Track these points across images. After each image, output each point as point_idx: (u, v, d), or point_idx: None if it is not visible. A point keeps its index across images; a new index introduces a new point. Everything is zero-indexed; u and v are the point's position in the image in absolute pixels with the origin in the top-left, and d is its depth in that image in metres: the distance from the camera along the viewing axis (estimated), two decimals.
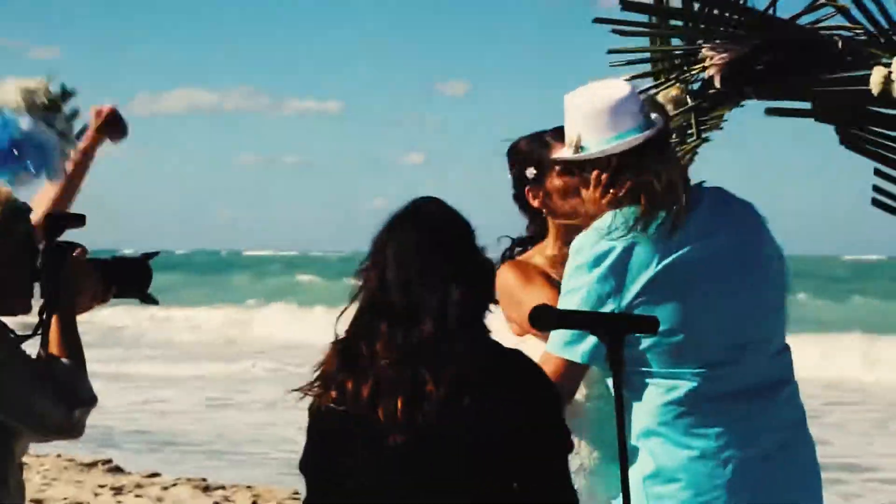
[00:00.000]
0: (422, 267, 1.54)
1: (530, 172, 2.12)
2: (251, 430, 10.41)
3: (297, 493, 6.59)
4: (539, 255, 2.20)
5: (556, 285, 1.98)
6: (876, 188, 2.15)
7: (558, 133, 2.00)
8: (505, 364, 1.56)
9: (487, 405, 1.50)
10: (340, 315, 1.60)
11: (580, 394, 1.93)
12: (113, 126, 2.62)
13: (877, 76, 2.06)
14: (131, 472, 7.90)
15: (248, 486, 7.30)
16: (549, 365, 1.82)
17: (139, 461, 8.53)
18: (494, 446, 1.49)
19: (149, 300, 2.20)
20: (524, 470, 1.51)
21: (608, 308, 1.79)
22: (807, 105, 2.22)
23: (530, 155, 2.14)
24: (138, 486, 7.36)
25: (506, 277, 2.11)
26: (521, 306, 1.99)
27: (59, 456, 8.16)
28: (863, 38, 2.17)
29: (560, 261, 2.04)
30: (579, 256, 1.85)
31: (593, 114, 1.88)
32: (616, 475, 1.67)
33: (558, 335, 1.78)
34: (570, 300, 1.84)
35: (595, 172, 1.87)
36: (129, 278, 2.16)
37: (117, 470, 7.96)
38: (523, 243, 2.26)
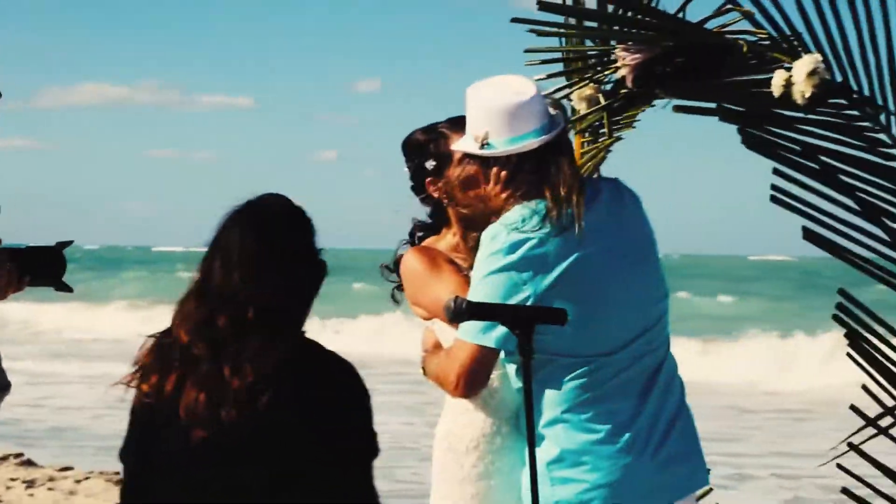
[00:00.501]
0: (244, 262, 1.54)
1: (430, 164, 2.16)
2: None
3: None
4: (441, 241, 2.23)
5: (462, 271, 2.04)
6: (774, 187, 2.26)
7: (453, 124, 2.06)
8: (312, 364, 1.55)
9: (290, 404, 1.49)
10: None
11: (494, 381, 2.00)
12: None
13: (778, 79, 2.17)
14: (43, 466, 7.81)
15: None
16: (464, 351, 1.89)
17: (49, 456, 8.48)
18: (295, 445, 1.49)
19: (63, 288, 2.18)
20: (327, 470, 1.50)
21: (524, 294, 1.86)
22: (713, 105, 2.32)
23: (428, 147, 2.18)
24: (51, 479, 7.29)
25: (412, 263, 2.16)
26: (429, 291, 2.07)
27: None
28: (766, 42, 2.26)
29: (461, 247, 2.11)
30: (495, 243, 1.90)
31: (499, 113, 1.94)
32: (523, 460, 1.76)
33: (471, 322, 1.83)
34: (485, 286, 1.89)
35: (496, 169, 1.93)
36: (44, 267, 2.15)
37: (29, 463, 7.86)
38: (426, 229, 2.29)
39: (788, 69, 2.17)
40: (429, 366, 2.07)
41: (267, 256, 1.54)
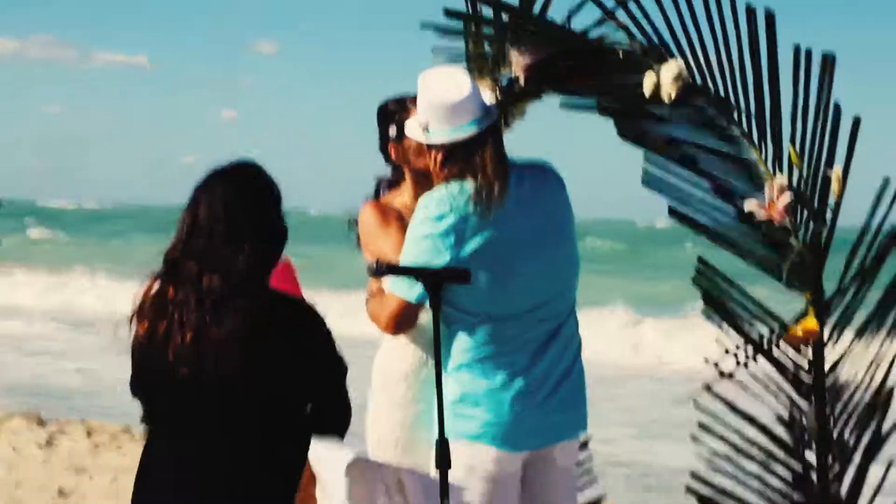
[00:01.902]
0: (227, 221, 1.75)
1: (392, 131, 2.45)
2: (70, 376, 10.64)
3: (128, 428, 6.94)
4: (398, 198, 2.53)
5: (406, 228, 2.34)
6: (646, 171, 2.65)
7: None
8: (283, 312, 1.82)
9: (267, 347, 1.75)
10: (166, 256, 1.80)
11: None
12: None
13: (648, 81, 2.52)
14: None
15: (81, 420, 7.40)
16: (393, 300, 2.22)
17: None
18: (274, 380, 1.76)
19: None
20: (306, 393, 1.82)
21: (445, 257, 2.16)
22: (593, 102, 2.68)
23: (393, 116, 2.45)
24: None
25: (367, 216, 2.45)
26: (376, 244, 2.40)
27: None
28: (639, 50, 2.62)
29: (411, 206, 2.39)
30: (426, 212, 2.20)
31: (439, 106, 2.22)
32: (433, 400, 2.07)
33: (397, 279, 2.14)
34: (413, 245, 2.20)
35: (434, 152, 2.24)
36: None
37: None
38: (387, 184, 2.61)
39: (656, 72, 2.52)
40: (368, 307, 2.36)
41: (246, 220, 1.77)
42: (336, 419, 1.88)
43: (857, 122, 2.55)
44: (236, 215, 1.79)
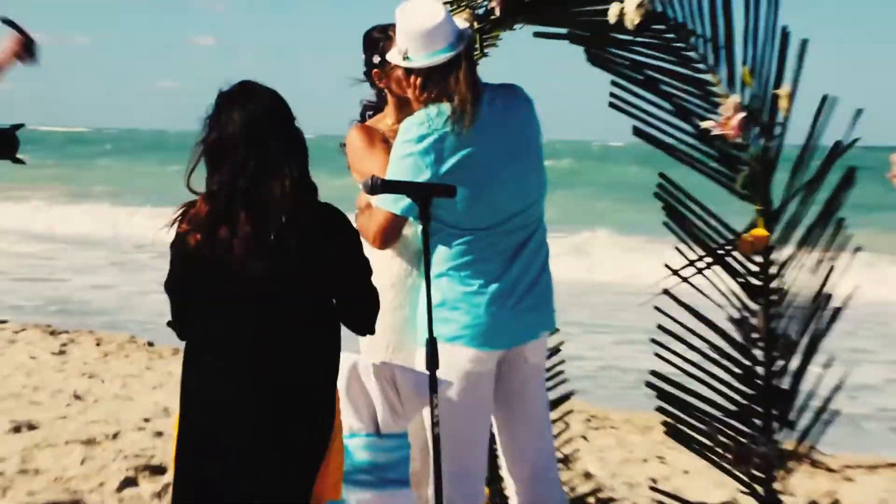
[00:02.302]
0: (266, 139, 1.95)
1: (376, 59, 2.64)
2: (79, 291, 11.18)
3: (133, 338, 7.81)
4: (382, 121, 2.73)
5: (390, 149, 2.53)
6: (612, 94, 2.85)
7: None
8: (321, 216, 2.05)
9: (313, 244, 2.00)
10: (190, 171, 2.00)
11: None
12: (27, 53, 3.03)
13: (614, 9, 2.69)
14: None
15: (90, 331, 8.07)
16: (380, 214, 2.43)
17: None
18: (315, 270, 2.02)
19: (18, 161, 2.87)
20: (339, 284, 2.08)
21: (426, 174, 2.37)
22: (563, 31, 2.86)
23: (377, 44, 2.64)
24: None
25: (353, 139, 2.67)
26: (363, 164, 2.60)
27: None
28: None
29: (395, 129, 2.58)
30: (408, 134, 2.41)
31: (415, 34, 2.39)
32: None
33: (385, 195, 2.33)
34: (397, 165, 2.41)
35: (412, 77, 2.42)
36: (3, 145, 2.76)
37: None
38: (372, 108, 2.81)
39: (621, 1, 2.69)
40: (358, 221, 2.55)
41: (281, 134, 1.98)
42: (367, 311, 2.13)
43: (804, 44, 2.74)
44: (266, 132, 1.97)
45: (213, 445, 1.99)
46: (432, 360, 2.23)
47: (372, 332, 2.20)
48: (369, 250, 2.47)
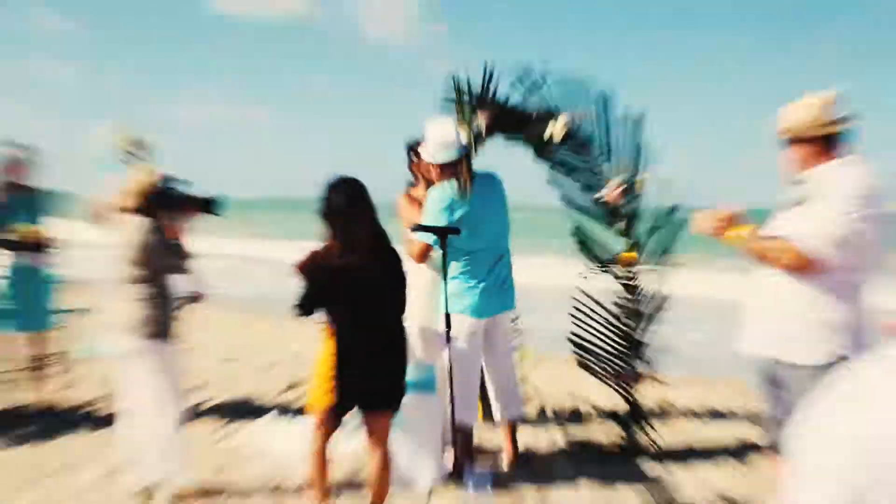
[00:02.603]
0: (364, 205, 3.45)
1: (414, 157, 4.46)
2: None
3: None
4: (416, 191, 4.52)
5: (421, 206, 4.27)
6: (549, 180, 4.79)
7: (427, 140, 4.27)
8: (395, 253, 3.55)
9: (392, 268, 3.52)
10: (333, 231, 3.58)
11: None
12: (207, 211, 4.23)
13: (546, 130, 4.64)
14: None
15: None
16: (418, 244, 4.16)
17: None
18: (396, 284, 3.62)
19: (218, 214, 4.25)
20: (403, 283, 3.61)
21: (443, 221, 4.08)
22: (521, 140, 4.81)
23: (415, 148, 4.48)
24: None
25: (403, 201, 4.44)
26: (408, 215, 4.33)
27: None
28: (543, 112, 4.71)
29: (424, 196, 4.32)
30: (433, 197, 4.16)
31: (438, 143, 4.16)
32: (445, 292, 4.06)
33: (421, 232, 4.09)
34: (429, 215, 4.12)
35: (435, 167, 4.23)
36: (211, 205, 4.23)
37: None
38: (413, 186, 4.67)
39: (553, 125, 4.64)
40: (406, 248, 4.09)
41: (370, 207, 3.52)
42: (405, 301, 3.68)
43: (658, 149, 4.70)
44: (367, 203, 3.49)
45: (359, 360, 3.53)
46: (447, 324, 3.90)
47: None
48: (411, 263, 4.20)
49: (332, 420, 3.71)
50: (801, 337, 2.93)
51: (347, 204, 3.44)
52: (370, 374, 3.55)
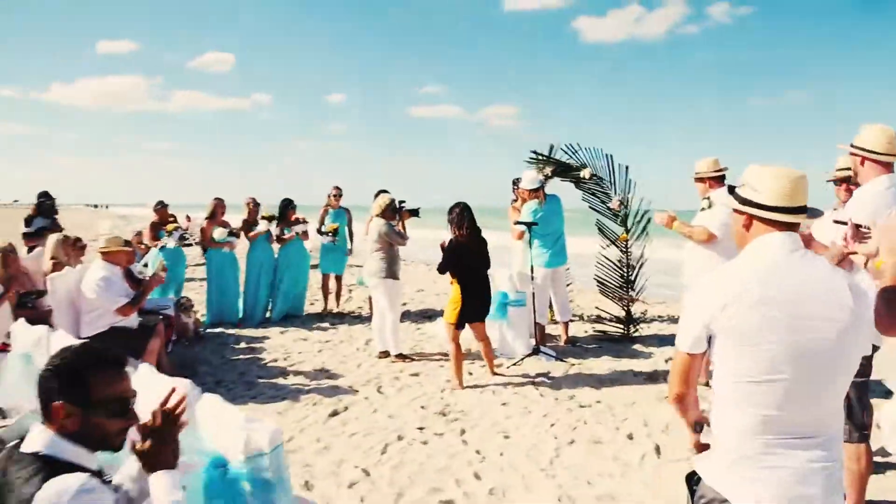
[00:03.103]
0: (472, 215, 8.14)
1: (516, 186, 9.33)
2: None
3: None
4: (516, 205, 9.35)
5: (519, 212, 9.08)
6: (582, 197, 9.59)
7: (522, 178, 9.08)
8: (483, 238, 8.77)
9: (483, 247, 8.26)
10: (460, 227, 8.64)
11: None
12: None
13: (581, 173, 9.48)
14: None
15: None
16: (517, 230, 9.02)
17: None
18: (485, 255, 8.68)
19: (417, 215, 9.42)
20: (487, 260, 8.81)
21: (530, 218, 8.65)
22: (570, 180, 9.62)
23: (517, 182, 9.26)
24: None
25: (511, 210, 9.38)
26: (513, 217, 9.24)
27: None
28: (578, 163, 9.55)
29: (521, 208, 9.04)
30: (527, 209, 8.91)
31: (529, 179, 8.93)
32: None
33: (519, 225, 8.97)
34: (525, 216, 8.78)
35: (526, 191, 9.00)
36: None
37: None
38: (515, 201, 9.49)
39: (585, 171, 9.48)
40: (512, 232, 8.92)
41: (471, 214, 8.20)
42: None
43: (631, 181, 9.47)
44: (470, 213, 7.76)
45: (470, 296, 7.93)
46: (532, 271, 8.77)
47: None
48: (514, 241, 9.16)
49: (457, 326, 7.56)
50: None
51: (461, 215, 7.72)
52: (477, 303, 7.71)
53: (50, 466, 2.05)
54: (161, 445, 2.32)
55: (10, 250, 7.28)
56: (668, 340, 9.28)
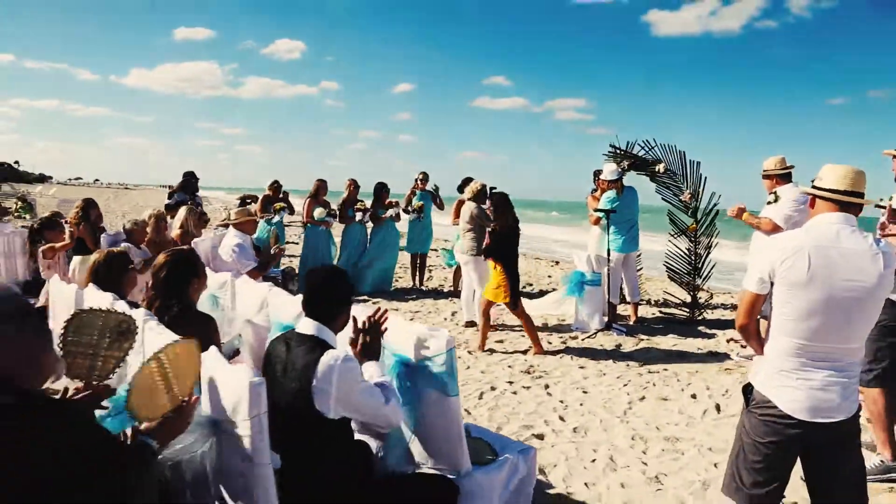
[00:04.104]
0: (512, 206, 9.52)
1: (596, 177, 10.33)
2: None
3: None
4: (596, 195, 10.32)
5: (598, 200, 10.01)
6: (655, 190, 10.48)
7: (603, 170, 10.04)
8: (519, 227, 9.77)
9: (518, 233, 9.51)
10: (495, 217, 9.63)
11: None
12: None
13: (657, 167, 10.37)
14: None
15: None
16: (594, 217, 10.06)
17: None
18: (517, 240, 9.67)
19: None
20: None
21: (608, 206, 9.61)
22: (646, 173, 10.51)
23: (598, 174, 10.25)
24: None
25: (590, 198, 10.44)
26: (592, 205, 10.17)
27: None
28: (652, 158, 10.44)
29: (600, 197, 9.96)
30: (605, 196, 9.83)
31: (608, 171, 9.87)
32: None
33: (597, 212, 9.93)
34: (603, 203, 9.73)
35: (605, 182, 9.96)
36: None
37: None
38: (595, 191, 10.59)
39: (660, 164, 10.36)
40: (590, 219, 9.98)
41: (511, 205, 9.69)
42: None
43: (703, 176, 10.33)
44: (511, 204, 9.62)
45: (514, 275, 9.59)
46: (608, 254, 9.73)
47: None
48: (591, 227, 10.15)
49: (515, 304, 8.80)
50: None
51: (506, 203, 8.75)
52: (518, 284, 9.04)
53: (320, 344, 3.13)
54: (372, 341, 3.38)
55: (162, 217, 8.51)
56: (730, 324, 10.11)
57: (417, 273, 13.14)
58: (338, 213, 12.52)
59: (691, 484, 4.90)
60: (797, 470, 3.41)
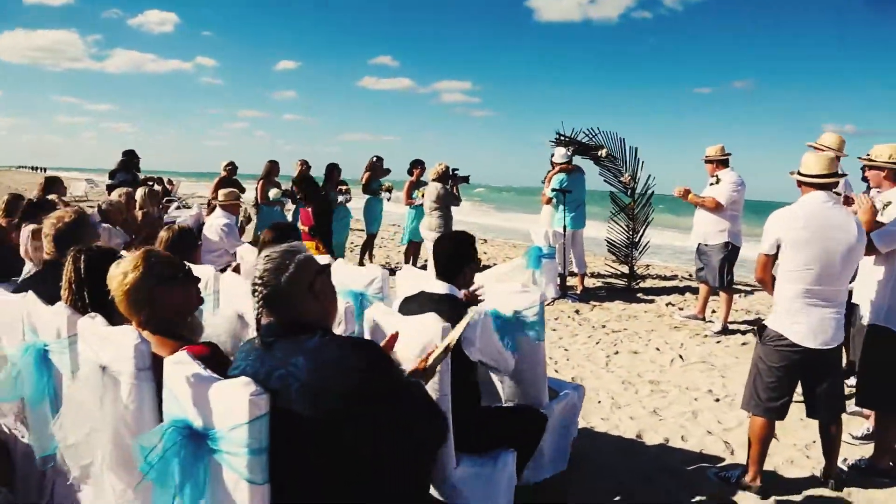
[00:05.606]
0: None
1: (552, 160, 11.39)
2: None
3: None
4: (550, 175, 11.34)
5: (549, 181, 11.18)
6: (599, 174, 11.71)
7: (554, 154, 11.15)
8: None
9: None
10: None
11: None
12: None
13: (601, 152, 11.59)
14: None
15: None
16: (546, 196, 11.17)
17: None
18: None
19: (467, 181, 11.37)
20: None
21: (559, 186, 10.90)
22: (588, 157, 11.73)
23: (552, 157, 11.24)
24: None
25: (547, 180, 11.36)
26: (548, 186, 11.30)
27: None
28: (596, 144, 11.67)
29: (552, 178, 11.12)
30: (556, 177, 10.82)
31: (560, 155, 10.93)
32: None
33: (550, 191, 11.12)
34: (554, 183, 10.95)
35: (557, 166, 11.04)
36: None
37: None
38: (549, 173, 11.46)
39: (602, 150, 11.59)
40: (542, 198, 11.04)
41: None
42: None
43: (639, 160, 11.64)
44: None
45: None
46: (563, 231, 10.92)
47: None
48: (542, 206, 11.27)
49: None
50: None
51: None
52: None
53: (453, 301, 4.02)
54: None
55: (132, 197, 9.12)
56: (665, 291, 11.51)
57: (368, 251, 13.79)
58: (293, 193, 12.53)
59: (683, 414, 6.08)
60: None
